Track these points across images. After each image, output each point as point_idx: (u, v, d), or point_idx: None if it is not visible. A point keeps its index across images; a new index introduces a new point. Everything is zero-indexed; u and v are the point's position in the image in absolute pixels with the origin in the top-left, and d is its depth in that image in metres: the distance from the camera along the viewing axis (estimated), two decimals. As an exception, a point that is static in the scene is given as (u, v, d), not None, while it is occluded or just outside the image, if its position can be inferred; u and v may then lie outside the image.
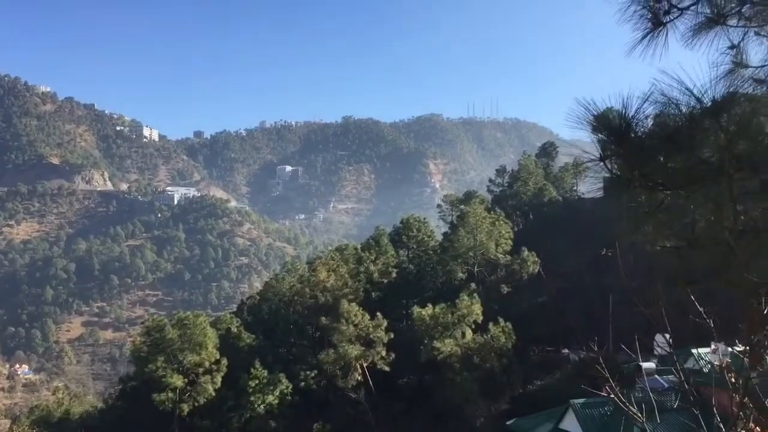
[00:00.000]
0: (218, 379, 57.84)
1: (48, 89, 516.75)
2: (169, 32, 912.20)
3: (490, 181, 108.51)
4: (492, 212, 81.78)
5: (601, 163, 3.93)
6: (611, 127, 3.62)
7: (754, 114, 3.46)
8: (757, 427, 5.19)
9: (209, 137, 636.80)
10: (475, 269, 73.30)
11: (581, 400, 35.83)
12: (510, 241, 75.39)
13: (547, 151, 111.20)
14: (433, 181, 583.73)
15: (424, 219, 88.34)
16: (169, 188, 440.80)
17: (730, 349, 6.23)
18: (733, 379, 5.35)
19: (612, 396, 6.43)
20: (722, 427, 5.24)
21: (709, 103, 3.47)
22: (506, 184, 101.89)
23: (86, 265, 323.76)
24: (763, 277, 3.77)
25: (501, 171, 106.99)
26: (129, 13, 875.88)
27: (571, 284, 67.32)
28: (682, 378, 5.93)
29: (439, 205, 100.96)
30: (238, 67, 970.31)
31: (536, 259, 71.89)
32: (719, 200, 3.65)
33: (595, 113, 3.60)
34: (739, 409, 4.90)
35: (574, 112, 3.68)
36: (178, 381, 56.14)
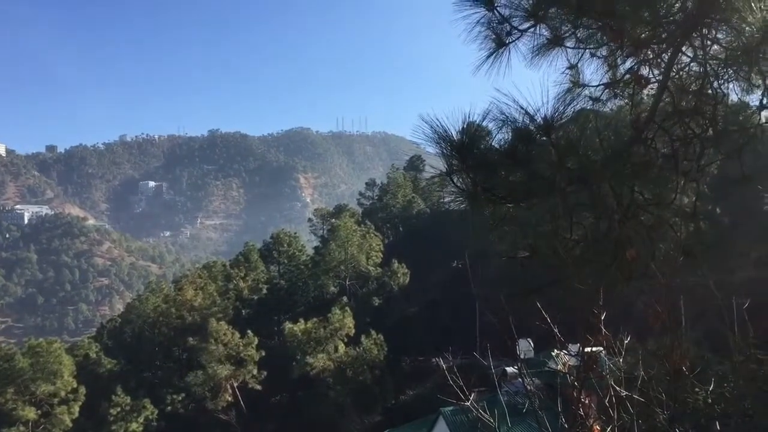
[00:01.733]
0: (75, 408, 54.39)
1: None
2: (14, 38, 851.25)
3: (360, 194, 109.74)
4: (362, 225, 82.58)
5: (448, 178, 4.05)
6: (455, 143, 3.74)
7: (583, 131, 3.70)
8: (596, 425, 5.54)
9: (63, 151, 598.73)
10: (347, 282, 73.68)
11: (450, 408, 36.77)
12: (380, 254, 76.48)
13: (415, 164, 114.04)
14: (303, 195, 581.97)
15: (295, 233, 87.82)
16: (18, 206, 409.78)
17: (575, 352, 6.61)
18: (574, 380, 5.68)
19: (468, 403, 6.65)
20: (566, 426, 5.55)
21: (541, 121, 3.67)
22: (376, 197, 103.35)
23: None
24: (595, 284, 4.02)
25: (371, 184, 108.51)
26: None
27: (440, 294, 69.24)
28: (527, 381, 6.23)
29: (310, 219, 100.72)
30: (93, 78, 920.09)
31: (406, 270, 73.36)
32: (555, 212, 3.86)
33: (439, 130, 3.71)
34: (577, 407, 5.20)
35: (419, 128, 3.78)
36: (30, 413, 52.24)
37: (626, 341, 6.07)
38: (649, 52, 4.97)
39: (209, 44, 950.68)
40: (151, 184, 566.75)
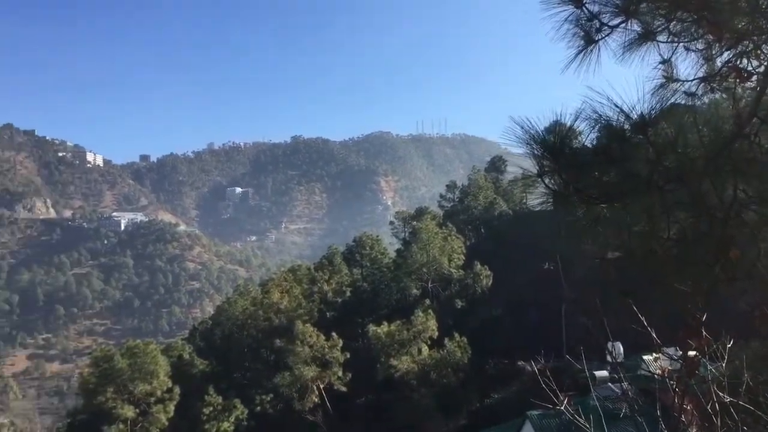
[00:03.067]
0: (171, 408, 56.46)
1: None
2: (109, 57, 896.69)
3: (441, 196, 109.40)
4: (444, 227, 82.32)
5: (539, 179, 4.01)
6: (546, 143, 3.71)
7: (681, 128, 3.59)
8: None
9: (156, 161, 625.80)
10: (429, 285, 73.59)
11: (538, 412, 36.15)
12: (462, 256, 76.01)
13: (496, 165, 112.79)
14: (384, 198, 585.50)
15: (377, 236, 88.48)
16: (115, 214, 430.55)
17: (674, 356, 6.39)
18: (674, 385, 5.49)
19: (561, 407, 6.52)
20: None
21: (637, 119, 3.59)
22: (457, 200, 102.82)
23: (30, 296, 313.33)
24: (695, 285, 3.89)
25: (451, 186, 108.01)
26: (63, 37, 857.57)
27: (523, 297, 68.21)
28: (626, 385, 6.06)
29: (391, 222, 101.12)
30: (183, 90, 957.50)
31: (489, 272, 72.63)
32: (652, 212, 3.76)
33: (530, 131, 3.68)
34: (679, 413, 5.03)
35: (510, 130, 3.76)
36: (129, 412, 54.63)
37: (729, 344, 5.82)
38: (749, 44, 4.77)
39: (290, 52, 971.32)
40: (238, 190, 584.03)
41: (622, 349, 32.35)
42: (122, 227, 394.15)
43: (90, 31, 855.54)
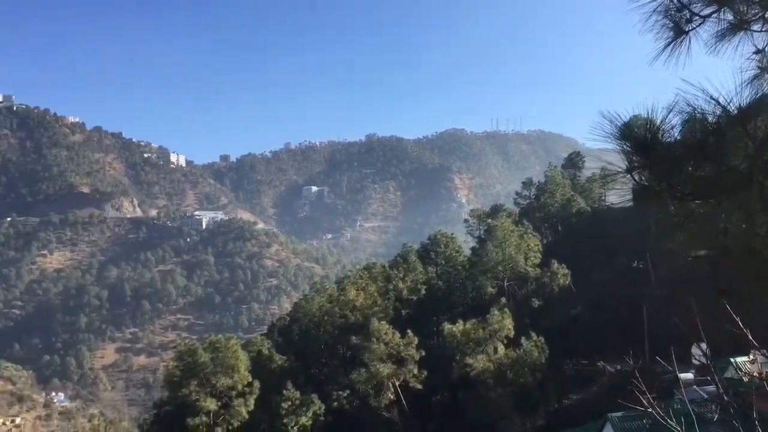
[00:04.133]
0: (251, 401, 57.83)
1: (77, 119, 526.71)
2: (191, 60, 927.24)
3: (517, 194, 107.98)
4: (520, 225, 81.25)
5: (628, 175, 3.91)
6: (637, 138, 3.61)
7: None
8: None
9: (235, 160, 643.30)
10: (505, 283, 72.74)
11: (619, 414, 35.18)
12: (539, 254, 74.79)
13: (574, 161, 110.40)
14: (459, 196, 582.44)
15: (452, 234, 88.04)
16: (197, 213, 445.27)
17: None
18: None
19: (650, 409, 6.32)
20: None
21: (735, 111, 3.45)
22: (533, 197, 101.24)
23: (118, 292, 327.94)
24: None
25: (527, 183, 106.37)
26: (151, 43, 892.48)
27: (603, 296, 66.51)
28: (721, 388, 5.83)
29: (466, 220, 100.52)
30: (260, 91, 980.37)
31: (566, 271, 71.17)
32: (750, 208, 3.61)
33: (620, 125, 3.60)
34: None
35: (598, 125, 3.68)
36: (211, 405, 56.27)
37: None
38: None
39: (365, 52, 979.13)
40: (314, 188, 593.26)
41: (708, 350, 31.12)
42: (203, 226, 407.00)
43: (173, 35, 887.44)
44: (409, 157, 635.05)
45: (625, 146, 3.73)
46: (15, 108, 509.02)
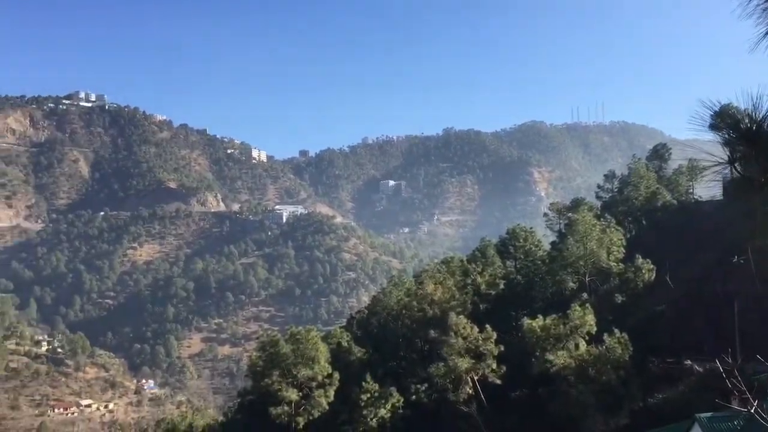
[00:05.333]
0: (331, 392, 58.76)
1: (164, 117, 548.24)
2: (270, 59, 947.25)
3: (599, 187, 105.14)
4: (602, 219, 79.22)
5: (729, 166, 3.77)
6: (740, 128, 3.46)
7: None
8: None
9: (314, 155, 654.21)
10: (587, 278, 71.03)
11: (708, 414, 33.86)
12: (622, 249, 72.61)
13: (659, 153, 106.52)
14: (538, 189, 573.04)
15: (531, 228, 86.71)
16: (277, 207, 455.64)
17: None
18: None
19: (745, 409, 6.07)
20: None
21: None
22: (616, 190, 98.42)
23: (203, 284, 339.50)
24: None
25: (609, 176, 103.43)
26: (234, 44, 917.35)
27: (690, 292, 64.03)
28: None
29: (545, 214, 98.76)
30: (339, 88, 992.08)
31: (651, 266, 68.85)
32: None
33: (721, 115, 3.46)
34: None
35: (696, 114, 3.55)
36: (293, 395, 57.51)
37: None
38: None
39: (443, 46, 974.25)
40: (391, 183, 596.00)
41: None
42: (284, 219, 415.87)
43: (255, 37, 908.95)
44: (486, 151, 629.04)
45: (727, 136, 3.59)
46: (107, 107, 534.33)
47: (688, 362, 57.20)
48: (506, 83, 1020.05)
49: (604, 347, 55.07)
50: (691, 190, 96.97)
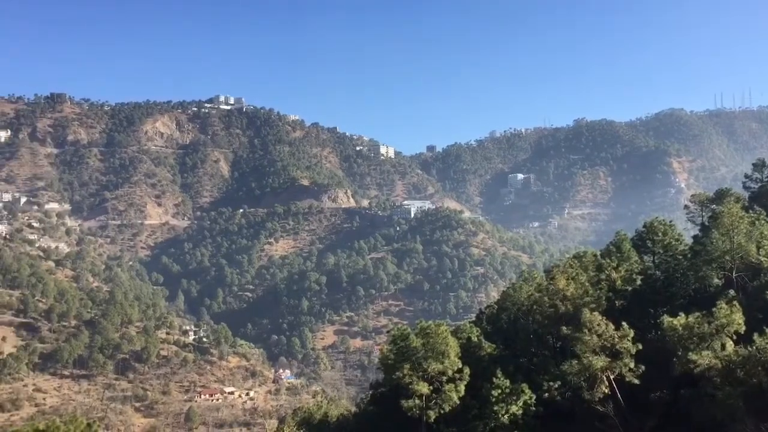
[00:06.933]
0: (461, 387, 58.80)
1: (297, 117, 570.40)
2: (397, 58, 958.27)
3: (746, 176, 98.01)
4: (750, 211, 74.09)
5: None
6: None
7: None
8: None
9: (441, 151, 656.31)
10: (733, 274, 66.62)
11: None
12: (774, 242, 67.50)
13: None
14: (677, 180, 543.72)
15: (670, 221, 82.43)
16: (405, 202, 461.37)
17: None
18: None
19: None
20: None
21: None
22: (766, 180, 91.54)
23: (335, 278, 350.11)
24: None
25: (759, 165, 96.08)
26: (362, 45, 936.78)
27: None
28: None
29: (686, 206, 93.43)
30: (465, 81, 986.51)
31: (809, 261, 63.54)
32: None
33: None
34: None
35: None
36: (423, 388, 58.08)
37: None
38: None
39: (570, 36, 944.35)
40: (519, 176, 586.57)
41: None
42: (412, 215, 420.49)
43: (382, 38, 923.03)
44: (620, 141, 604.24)
45: None
46: (245, 109, 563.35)
47: None
48: (640, 71, 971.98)
49: (754, 348, 51.59)
50: None
